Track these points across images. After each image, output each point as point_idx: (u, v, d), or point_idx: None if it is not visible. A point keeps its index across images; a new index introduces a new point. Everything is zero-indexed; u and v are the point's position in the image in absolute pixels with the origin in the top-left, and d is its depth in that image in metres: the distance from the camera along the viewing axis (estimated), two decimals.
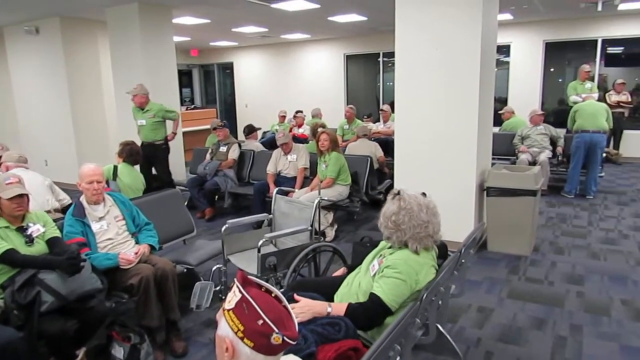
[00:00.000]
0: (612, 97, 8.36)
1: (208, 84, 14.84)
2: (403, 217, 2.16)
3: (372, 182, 5.63)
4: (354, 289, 2.26)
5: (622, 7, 7.98)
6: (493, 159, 5.45)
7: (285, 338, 1.13)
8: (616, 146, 8.79)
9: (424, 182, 4.48)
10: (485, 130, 4.63)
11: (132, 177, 4.59)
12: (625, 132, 8.84)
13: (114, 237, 3.05)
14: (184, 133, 7.54)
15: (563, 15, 9.05)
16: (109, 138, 8.12)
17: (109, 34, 6.93)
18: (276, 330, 1.13)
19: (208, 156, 6.22)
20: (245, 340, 1.14)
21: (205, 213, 5.90)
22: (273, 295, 1.23)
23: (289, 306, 1.23)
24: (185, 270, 3.46)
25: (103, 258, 2.87)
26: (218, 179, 5.88)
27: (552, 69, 10.28)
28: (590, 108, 6.20)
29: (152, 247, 3.13)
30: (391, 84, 10.91)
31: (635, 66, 9.76)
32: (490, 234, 4.57)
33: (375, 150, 6.12)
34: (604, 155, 6.72)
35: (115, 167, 4.52)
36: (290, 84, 12.74)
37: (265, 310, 1.15)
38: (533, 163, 6.34)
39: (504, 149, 7.01)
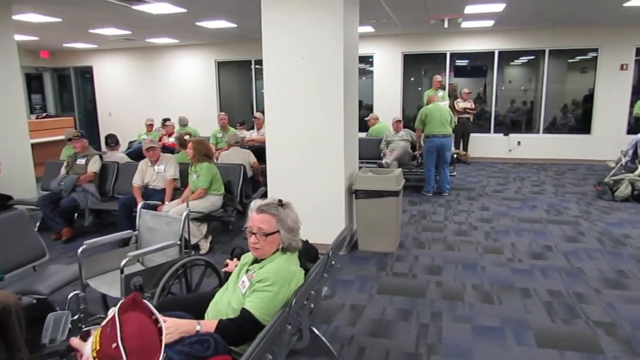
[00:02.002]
0: (460, 104, 9.42)
1: (64, 89, 13.42)
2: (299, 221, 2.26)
3: (247, 191, 5.58)
4: (223, 307, 2.19)
5: (465, 25, 9.06)
6: (362, 162, 5.78)
7: None
8: (465, 148, 9.91)
9: (296, 188, 4.57)
10: (351, 135, 4.87)
11: None
12: (472, 135, 10.02)
13: None
14: (34, 145, 6.72)
15: (417, 30, 9.97)
16: None
17: None
18: (125, 357, 1.05)
19: (63, 170, 5.61)
20: None
21: (61, 234, 5.31)
22: (158, 326, 1.16)
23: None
24: (35, 301, 3.06)
25: None
26: (76, 195, 5.34)
27: (412, 79, 11.27)
28: (438, 114, 6.83)
29: None
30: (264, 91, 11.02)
31: (478, 77, 11.11)
32: (360, 234, 4.82)
33: (248, 158, 6.09)
34: (455, 156, 7.51)
35: None
36: (158, 90, 12.12)
37: (128, 336, 1.07)
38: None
39: (371, 153, 7.47)
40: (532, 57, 10.58)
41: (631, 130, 8.99)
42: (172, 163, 5.30)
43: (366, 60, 10.81)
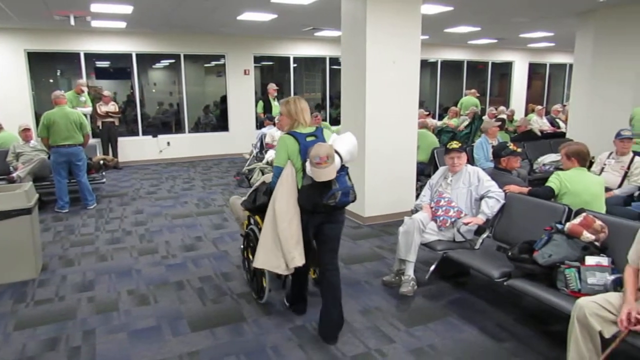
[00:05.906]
0: (102, 108, 8.99)
1: None
2: None
3: None
4: None
5: (96, 24, 8.63)
6: None
7: None
8: (114, 153, 9.52)
9: None
10: None
11: None
12: (120, 139, 9.74)
13: None
14: None
15: (42, 26, 8.86)
16: None
17: None
18: None
19: None
20: None
21: None
22: None
23: None
24: None
25: None
26: None
27: (51, 80, 10.00)
28: (64, 121, 6.09)
29: None
30: None
31: (124, 79, 10.80)
32: None
33: None
34: (102, 162, 7.12)
35: None
36: None
37: None
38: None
39: None
40: (173, 61, 11.09)
41: (259, 126, 10.67)
42: None
43: None
